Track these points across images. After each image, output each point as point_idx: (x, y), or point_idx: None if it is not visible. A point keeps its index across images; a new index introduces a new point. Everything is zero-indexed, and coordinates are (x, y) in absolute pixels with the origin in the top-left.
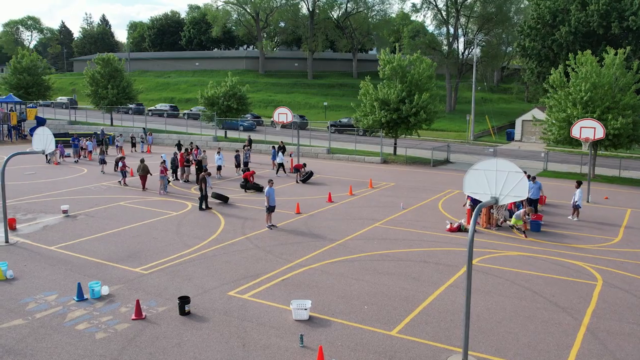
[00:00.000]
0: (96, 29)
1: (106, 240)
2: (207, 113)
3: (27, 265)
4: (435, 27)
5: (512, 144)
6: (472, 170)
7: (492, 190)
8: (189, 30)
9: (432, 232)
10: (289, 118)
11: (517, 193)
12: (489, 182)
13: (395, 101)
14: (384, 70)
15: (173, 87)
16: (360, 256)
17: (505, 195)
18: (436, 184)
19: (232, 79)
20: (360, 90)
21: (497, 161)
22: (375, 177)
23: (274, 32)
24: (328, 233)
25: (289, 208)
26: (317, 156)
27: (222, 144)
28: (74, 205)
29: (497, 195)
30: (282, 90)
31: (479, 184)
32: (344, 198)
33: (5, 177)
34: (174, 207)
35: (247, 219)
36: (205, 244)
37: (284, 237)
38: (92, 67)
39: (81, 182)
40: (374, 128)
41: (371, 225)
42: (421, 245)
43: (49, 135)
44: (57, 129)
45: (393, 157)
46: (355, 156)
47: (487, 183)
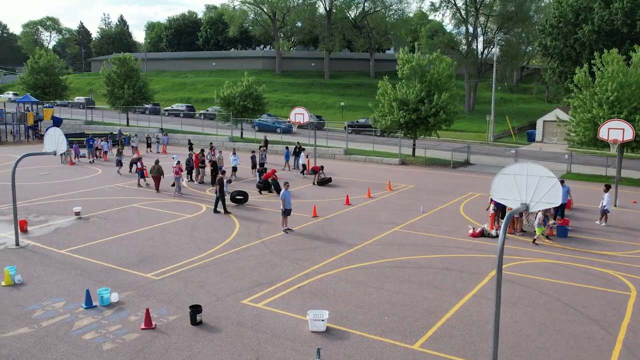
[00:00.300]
0: (114, 30)
1: (118, 243)
2: (223, 113)
3: (36, 269)
4: (454, 26)
5: (533, 145)
6: (502, 174)
7: (522, 196)
8: (206, 30)
9: (454, 237)
10: (305, 118)
11: (550, 199)
12: (519, 187)
13: (414, 101)
14: (403, 69)
15: (190, 87)
16: (380, 263)
17: (536, 202)
18: (457, 187)
19: (249, 78)
20: (379, 90)
21: (527, 165)
22: (393, 179)
23: (290, 32)
24: (346, 238)
25: (306, 211)
26: (334, 157)
27: (238, 144)
28: (87, 206)
29: (527, 202)
30: (298, 90)
31: (509, 190)
32: (362, 201)
33: (20, 177)
34: (188, 210)
35: (262, 222)
36: (219, 248)
37: (300, 241)
38: (108, 67)
39: (95, 183)
40: (392, 129)
41: (390, 229)
42: (443, 252)
43: (60, 135)
44: (74, 129)
45: (412, 159)
46: (373, 157)
47: (517, 188)
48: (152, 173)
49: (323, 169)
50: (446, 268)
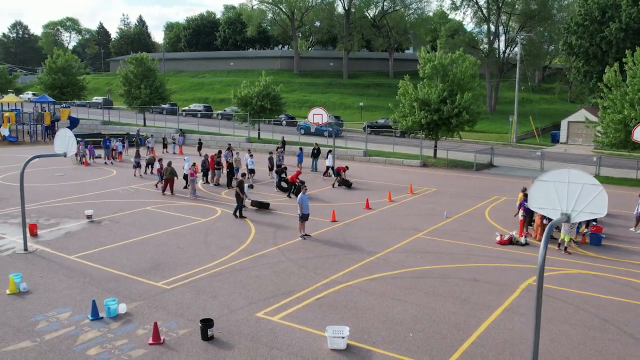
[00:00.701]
0: (133, 30)
1: (129, 249)
2: (240, 113)
3: (43, 276)
4: (475, 25)
5: (557, 147)
6: (540, 181)
7: (563, 205)
8: (224, 30)
9: (480, 244)
10: (324, 119)
11: (594, 209)
12: (559, 196)
13: (436, 101)
14: (424, 69)
15: (207, 87)
16: (403, 272)
17: (579, 212)
18: (481, 190)
19: (266, 78)
20: (399, 90)
21: (569, 171)
22: (415, 181)
23: (309, 32)
24: (366, 244)
25: (324, 215)
26: (353, 159)
27: (255, 145)
28: (99, 209)
29: (569, 212)
30: (317, 90)
31: (548, 198)
32: (383, 205)
33: (34, 178)
34: (202, 213)
35: (279, 227)
36: (234, 255)
37: (319, 248)
38: (125, 66)
39: (109, 184)
40: (413, 130)
41: (413, 235)
42: (469, 260)
43: (70, 137)
44: (90, 129)
45: (433, 160)
46: (393, 159)
47: (557, 197)
48: (165, 175)
49: (347, 169)
50: (474, 279)
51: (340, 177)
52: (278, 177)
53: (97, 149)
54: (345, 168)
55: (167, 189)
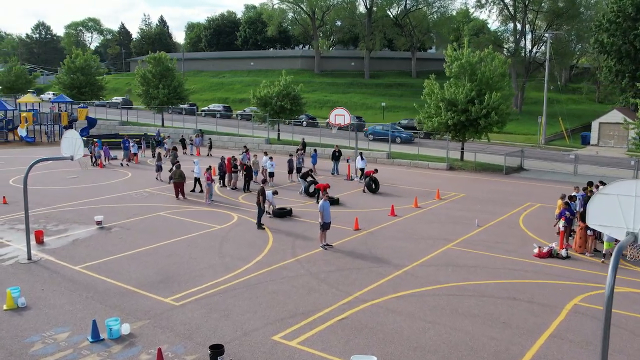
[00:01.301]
0: (154, 30)
1: (138, 259)
2: (259, 114)
3: (44, 289)
4: (500, 23)
5: (588, 149)
6: (601, 195)
7: (629, 223)
8: (245, 30)
9: (517, 257)
10: (346, 120)
11: None
12: (624, 212)
13: (464, 101)
14: (451, 67)
15: (227, 87)
16: (433, 289)
17: None
18: (512, 196)
19: (286, 78)
20: (424, 90)
21: (637, 183)
22: (441, 186)
23: (330, 31)
24: (392, 256)
25: (346, 223)
26: (376, 161)
27: (274, 146)
28: (110, 214)
29: (636, 231)
30: (338, 90)
31: (611, 215)
32: (409, 211)
33: (46, 181)
34: (218, 219)
35: (298, 236)
36: (250, 267)
37: (341, 260)
38: (143, 66)
39: (123, 187)
40: (439, 131)
41: (443, 246)
42: (506, 276)
43: (77, 139)
44: (109, 130)
45: (460, 163)
46: (418, 161)
47: (622, 213)
48: (174, 179)
49: (377, 172)
50: (512, 297)
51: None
52: (305, 182)
53: (114, 150)
54: (374, 171)
55: (178, 193)
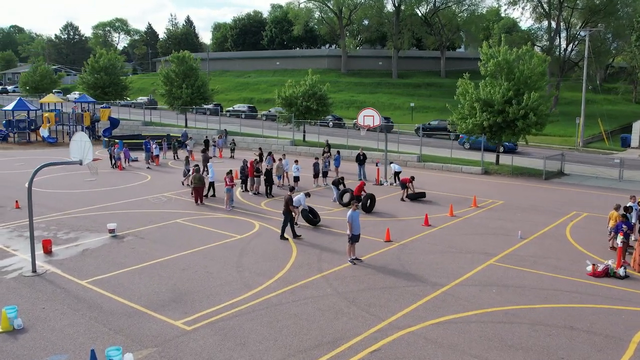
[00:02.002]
0: (180, 30)
1: (150, 273)
2: (284, 114)
3: (45, 308)
4: (534, 20)
5: (629, 152)
6: None
7: None
8: (271, 29)
9: (569, 276)
10: (376, 121)
11: None
12: None
13: (501, 102)
14: (487, 66)
15: (252, 87)
16: (477, 314)
17: None
18: (555, 204)
19: (312, 77)
20: (458, 90)
21: None
22: (477, 192)
23: (357, 30)
24: (429, 273)
25: (377, 234)
26: (405, 164)
27: (300, 148)
28: (125, 221)
29: None
30: (365, 90)
31: None
32: (444, 220)
33: (63, 184)
34: (238, 228)
35: (324, 248)
36: (271, 285)
37: (372, 277)
38: (167, 66)
39: (141, 192)
40: (474, 133)
41: (484, 262)
42: (559, 299)
43: (86, 142)
44: (131, 130)
45: (495, 167)
46: (451, 165)
47: None
48: (194, 183)
49: (414, 180)
50: (569, 326)
51: (407, 190)
52: (337, 189)
53: (135, 152)
54: (411, 179)
55: (198, 198)
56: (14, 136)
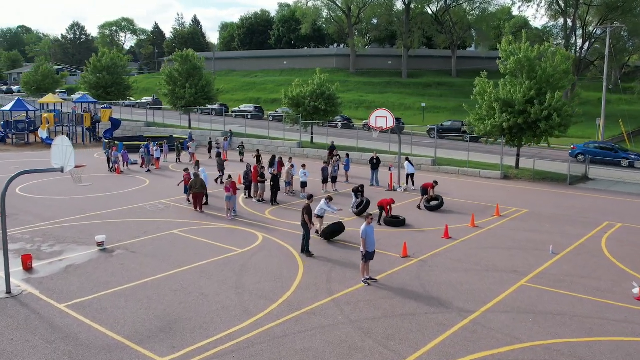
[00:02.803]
0: (187, 30)
1: (138, 295)
2: (291, 115)
3: (14, 339)
4: (549, 18)
5: None
6: None
7: None
8: (278, 28)
9: (613, 301)
10: (389, 123)
11: None
12: None
13: (522, 102)
14: (506, 64)
15: (259, 87)
16: (515, 351)
17: None
18: (585, 212)
19: (320, 76)
20: (475, 89)
21: None
22: (498, 199)
23: (365, 29)
24: (454, 296)
25: (392, 247)
26: (420, 168)
27: (307, 150)
28: (117, 232)
29: None
30: (374, 90)
31: None
32: (465, 232)
33: (56, 189)
34: (239, 240)
35: (335, 264)
36: (274, 311)
37: (389, 302)
38: (170, 65)
39: (138, 198)
40: (492, 135)
41: (514, 283)
42: (606, 330)
43: (68, 147)
44: (134, 131)
45: (515, 172)
46: (468, 169)
47: None
48: (195, 189)
49: (437, 185)
50: None
51: (429, 196)
52: (356, 198)
53: (134, 154)
54: (434, 184)
55: (197, 205)
56: (12, 137)
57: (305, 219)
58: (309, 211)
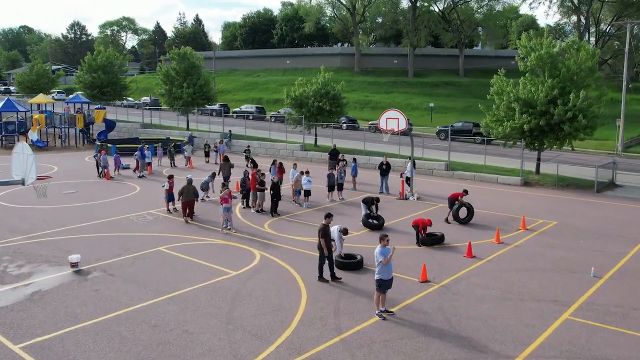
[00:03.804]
0: (189, 29)
1: (109, 332)
2: (293, 116)
3: None
4: (562, 15)
5: None
6: None
7: None
8: (281, 27)
9: None
10: (401, 125)
11: None
12: None
13: (544, 102)
14: (526, 60)
15: (261, 86)
16: None
17: None
18: (621, 225)
19: (325, 75)
20: (492, 88)
21: None
22: (522, 209)
23: (370, 28)
24: (486, 335)
25: (409, 269)
26: (431, 173)
27: (310, 154)
28: (96, 249)
29: None
30: (379, 89)
31: None
32: (490, 249)
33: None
34: (234, 259)
35: (343, 291)
36: (271, 355)
37: (409, 343)
38: (168, 64)
39: (125, 207)
40: (512, 137)
41: (557, 317)
42: None
43: (29, 155)
44: (129, 133)
45: (536, 177)
46: (484, 174)
47: None
48: (185, 197)
49: (467, 194)
50: None
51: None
52: (366, 209)
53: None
54: (464, 193)
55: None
56: (1, 140)
57: (322, 243)
58: (326, 233)
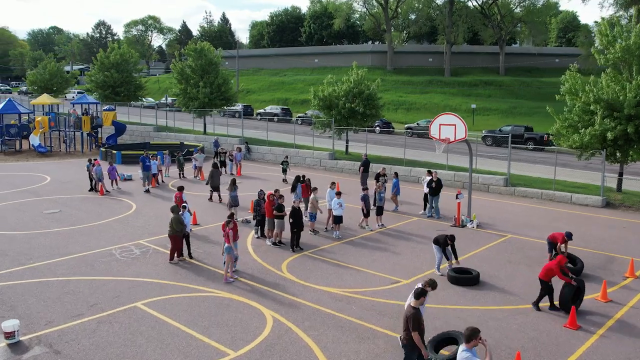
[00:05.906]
0: (215, 28)
1: None
2: (321, 119)
3: None
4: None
5: None
6: None
7: None
8: (310, 25)
9: None
10: (459, 133)
11: None
12: None
13: (632, 104)
14: (608, 53)
15: (288, 86)
16: None
17: None
18: None
19: (358, 72)
20: (563, 87)
21: None
22: (614, 244)
23: (403, 24)
24: None
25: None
26: (487, 189)
27: (341, 163)
28: (52, 302)
29: None
30: (414, 89)
31: None
32: (597, 312)
33: (12, 217)
34: (237, 326)
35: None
36: None
37: None
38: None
39: (111, 235)
40: (591, 147)
41: None
42: None
43: None
44: (142, 137)
45: (619, 197)
46: (555, 192)
47: None
48: (172, 230)
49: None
50: None
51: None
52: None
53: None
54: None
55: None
56: (1, 145)
57: (415, 338)
58: (418, 322)
